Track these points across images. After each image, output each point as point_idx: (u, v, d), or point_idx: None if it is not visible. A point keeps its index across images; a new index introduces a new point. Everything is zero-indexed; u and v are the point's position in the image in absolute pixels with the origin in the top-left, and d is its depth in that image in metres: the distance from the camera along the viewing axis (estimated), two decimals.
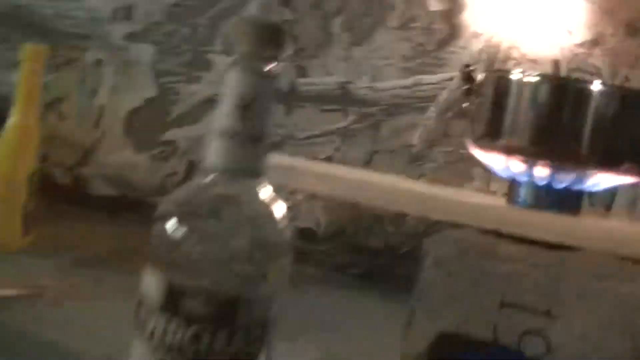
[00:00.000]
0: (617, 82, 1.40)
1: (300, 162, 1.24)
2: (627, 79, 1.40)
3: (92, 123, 1.72)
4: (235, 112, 0.60)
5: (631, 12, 1.39)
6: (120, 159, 1.70)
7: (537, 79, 1.00)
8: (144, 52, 1.71)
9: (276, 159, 0.74)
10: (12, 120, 1.24)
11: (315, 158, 1.58)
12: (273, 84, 0.63)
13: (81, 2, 1.73)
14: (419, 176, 1.52)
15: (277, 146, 1.58)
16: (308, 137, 1.59)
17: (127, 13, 1.72)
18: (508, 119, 1.01)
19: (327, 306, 1.31)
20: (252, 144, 0.61)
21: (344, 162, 1.56)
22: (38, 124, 1.26)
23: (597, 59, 1.42)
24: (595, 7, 1.41)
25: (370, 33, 1.56)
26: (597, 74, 1.42)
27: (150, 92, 1.70)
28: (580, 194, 1.01)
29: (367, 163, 1.55)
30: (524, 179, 0.99)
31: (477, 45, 1.48)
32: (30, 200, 1.25)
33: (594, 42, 1.42)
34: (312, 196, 1.57)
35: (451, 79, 1.50)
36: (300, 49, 1.60)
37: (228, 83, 0.61)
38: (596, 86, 0.97)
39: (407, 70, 1.53)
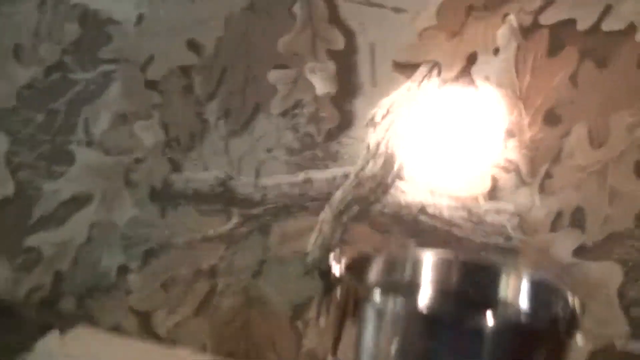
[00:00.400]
0: (538, 178, 1.12)
1: None
2: (548, 175, 1.12)
3: None
4: None
5: (550, 98, 1.11)
6: None
7: (406, 305, 0.71)
8: None
9: None
10: None
11: (197, 268, 1.29)
12: None
13: None
14: (316, 290, 1.23)
15: (153, 254, 1.30)
16: (188, 243, 1.30)
17: None
18: (367, 347, 0.73)
19: None
20: None
21: (230, 271, 1.28)
22: None
23: (514, 152, 1.13)
24: (508, 93, 1.12)
25: (250, 120, 1.26)
26: (514, 170, 1.13)
27: (7, 189, 1.39)
28: None
29: (257, 274, 1.27)
30: None
31: (374, 137, 1.19)
32: None
33: (509, 133, 1.13)
34: (197, 313, 1.29)
35: (346, 175, 1.21)
36: (172, 139, 1.30)
37: None
38: (488, 320, 0.69)
39: (295, 164, 1.24)
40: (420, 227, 1.18)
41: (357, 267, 0.81)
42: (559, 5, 1.10)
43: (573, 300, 0.75)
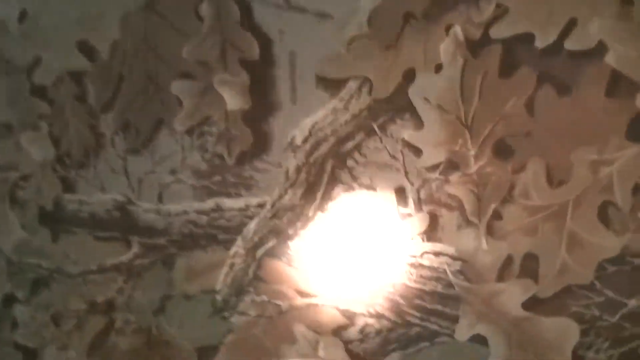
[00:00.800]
0: (485, 218, 0.87)
1: None
2: (497, 215, 0.87)
3: None
4: None
5: (501, 126, 0.85)
6: None
7: None
8: None
9: None
10: None
11: (92, 301, 1.03)
12: None
13: None
14: (226, 333, 0.98)
15: (43, 283, 1.03)
16: (82, 272, 1.04)
17: None
18: None
19: None
20: None
21: (129, 307, 1.02)
22: None
23: (457, 187, 0.88)
24: (452, 118, 0.86)
25: (151, 137, 0.99)
26: (457, 207, 0.89)
27: None
28: None
29: (159, 311, 1.01)
30: None
31: (293, 162, 0.93)
32: None
33: (452, 165, 0.88)
34: (91, 352, 1.04)
35: (261, 205, 0.95)
36: (63, 154, 1.03)
37: None
38: None
39: (204, 189, 0.98)
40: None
41: None
42: (513, 17, 0.84)
43: None
